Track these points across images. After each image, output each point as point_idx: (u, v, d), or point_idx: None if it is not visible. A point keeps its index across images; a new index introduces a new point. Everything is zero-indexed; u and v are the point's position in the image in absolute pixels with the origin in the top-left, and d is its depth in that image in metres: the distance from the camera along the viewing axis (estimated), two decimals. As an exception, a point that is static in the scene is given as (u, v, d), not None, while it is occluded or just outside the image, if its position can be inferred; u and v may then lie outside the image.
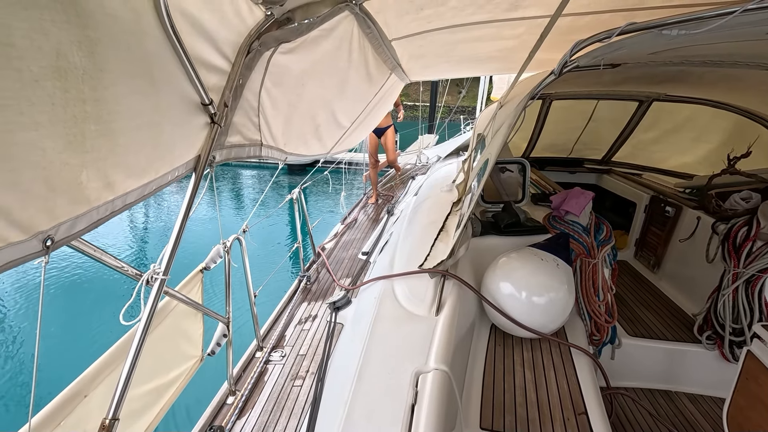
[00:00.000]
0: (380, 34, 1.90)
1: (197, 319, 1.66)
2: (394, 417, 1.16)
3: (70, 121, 0.68)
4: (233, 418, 1.82)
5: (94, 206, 0.80)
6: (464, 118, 11.35)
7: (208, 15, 1.09)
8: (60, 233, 0.73)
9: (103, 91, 0.74)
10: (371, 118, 3.07)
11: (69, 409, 0.99)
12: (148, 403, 1.28)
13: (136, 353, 1.03)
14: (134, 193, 0.93)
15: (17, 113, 0.58)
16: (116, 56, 0.77)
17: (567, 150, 4.35)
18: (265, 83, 1.55)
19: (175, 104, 1.04)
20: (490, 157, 1.77)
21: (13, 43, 0.55)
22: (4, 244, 0.63)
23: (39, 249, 0.69)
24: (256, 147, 1.65)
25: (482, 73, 5.83)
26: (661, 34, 1.18)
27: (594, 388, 1.60)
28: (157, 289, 1.10)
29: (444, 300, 1.66)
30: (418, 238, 2.20)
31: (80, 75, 0.68)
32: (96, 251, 0.98)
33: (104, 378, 1.10)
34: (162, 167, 1.02)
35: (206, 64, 1.18)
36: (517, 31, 2.00)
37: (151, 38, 0.89)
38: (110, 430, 0.96)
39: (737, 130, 3.02)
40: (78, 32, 0.66)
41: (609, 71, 2.40)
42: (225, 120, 1.34)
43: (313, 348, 2.34)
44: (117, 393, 0.98)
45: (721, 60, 1.99)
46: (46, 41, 0.60)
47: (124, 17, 0.78)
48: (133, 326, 1.11)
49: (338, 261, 3.66)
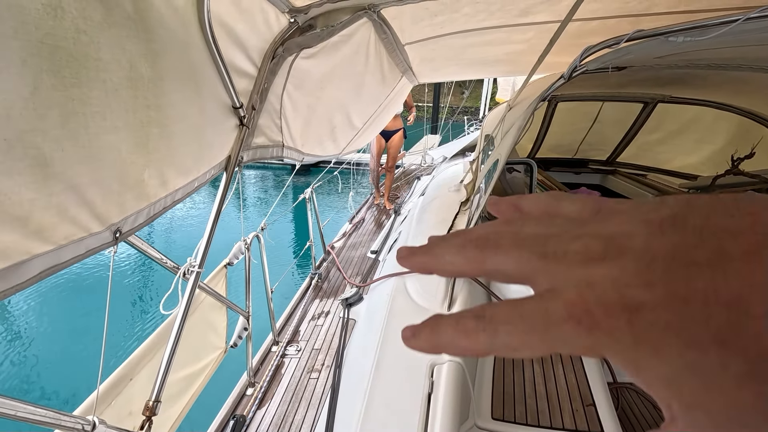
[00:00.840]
0: (395, 39, 1.97)
1: (222, 312, 1.73)
2: (412, 405, 1.23)
3: (138, 125, 0.76)
4: (254, 408, 1.89)
5: (151, 202, 0.88)
6: (468, 118, 11.40)
7: (242, 25, 1.16)
8: (126, 226, 0.81)
9: (162, 98, 0.82)
10: (381, 119, 3.15)
11: (118, 391, 1.06)
12: (182, 389, 1.36)
13: (176, 340, 1.10)
14: (181, 191, 1.01)
15: (102, 119, 0.66)
16: (170, 65, 0.84)
17: (572, 151, 4.39)
18: (287, 87, 1.62)
19: (213, 108, 1.11)
20: (500, 158, 1.83)
21: (100, 57, 0.63)
22: (87, 234, 0.71)
23: (110, 240, 0.77)
24: (278, 148, 1.72)
25: (490, 75, 5.85)
26: (668, 40, 1.23)
27: (601, 382, 1.65)
28: (193, 280, 1.17)
29: (455, 296, 1.72)
30: (427, 237, 2.26)
31: (146, 84, 0.76)
32: (143, 244, 1.05)
33: (146, 363, 1.18)
34: (203, 166, 1.10)
35: (237, 69, 1.25)
36: (527, 35, 2.06)
37: (195, 48, 0.96)
38: (153, 410, 1.03)
39: (741, 132, 3.06)
40: (144, 46, 0.74)
41: (615, 74, 2.46)
42: (252, 122, 1.41)
43: (327, 342, 2.41)
44: (159, 376, 1.06)
45: (726, 63, 2.04)
46: (122, 54, 0.68)
47: (176, 30, 0.85)
48: (170, 315, 1.19)
49: (347, 259, 3.73)
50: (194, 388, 1.44)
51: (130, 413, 1.09)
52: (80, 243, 0.70)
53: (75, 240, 0.69)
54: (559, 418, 1.49)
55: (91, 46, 0.61)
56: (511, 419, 1.51)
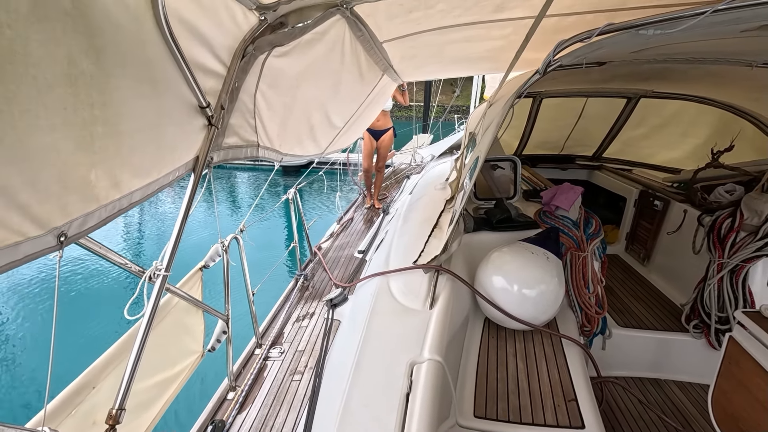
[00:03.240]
0: (371, 37, 1.95)
1: (198, 316, 1.70)
2: (390, 405, 1.21)
3: (80, 124, 0.73)
4: (234, 413, 1.86)
5: (102, 204, 0.85)
6: (458, 117, 11.44)
7: (204, 21, 1.13)
8: (72, 229, 0.78)
9: (109, 95, 0.78)
10: (363, 118, 3.13)
11: (79, 399, 1.03)
12: (154, 396, 1.33)
13: (141, 347, 1.07)
14: (139, 192, 0.97)
15: (35, 117, 0.63)
16: (120, 62, 0.81)
17: (558, 147, 4.41)
18: (260, 86, 1.59)
19: (175, 107, 1.08)
20: (481, 155, 1.82)
21: (30, 52, 0.60)
22: (24, 239, 0.68)
23: (54, 244, 0.73)
24: (252, 148, 1.70)
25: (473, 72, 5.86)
26: (638, 33, 1.23)
27: (584, 377, 1.65)
28: (159, 285, 1.14)
29: (438, 294, 1.71)
30: (413, 235, 2.25)
31: (88, 80, 0.73)
32: (101, 248, 1.02)
33: (111, 371, 1.14)
34: (164, 167, 1.07)
35: (203, 68, 1.22)
36: (505, 31, 2.06)
37: (152, 44, 0.93)
38: (117, 419, 1.00)
39: (722, 125, 3.09)
40: (85, 41, 0.71)
41: (596, 69, 2.47)
42: (222, 122, 1.39)
43: (311, 344, 2.39)
44: (123, 384, 1.03)
45: (704, 57, 2.05)
46: (57, 50, 0.65)
47: (126, 25, 0.82)
48: (137, 321, 1.16)
49: (334, 260, 3.70)
50: (168, 393, 1.41)
51: (93, 423, 1.05)
52: (16, 248, 0.67)
53: (8, 245, 0.66)
54: (541, 414, 1.49)
55: (17, 41, 0.58)
56: (493, 416, 1.50)
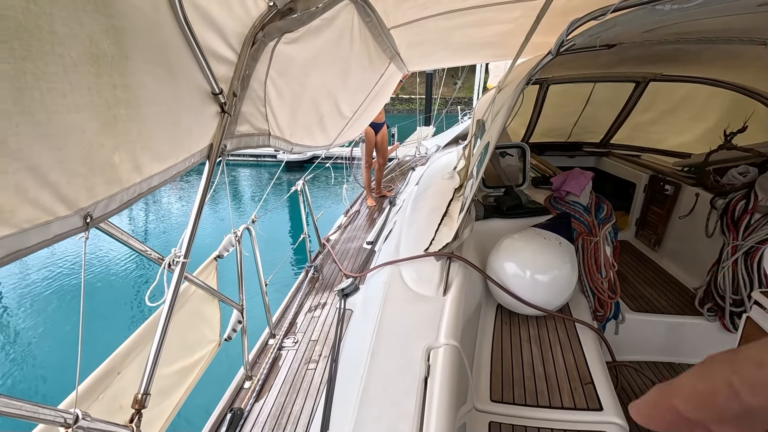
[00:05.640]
0: (379, 23, 1.93)
1: (214, 305, 1.71)
2: (409, 389, 1.21)
3: (104, 105, 0.73)
4: (251, 401, 1.88)
5: (124, 187, 0.85)
6: (461, 108, 11.38)
7: (216, 7, 1.13)
8: (97, 211, 0.78)
9: (130, 78, 0.78)
10: (371, 108, 3.11)
11: (105, 384, 1.04)
12: (176, 382, 1.34)
13: (163, 332, 1.08)
14: (157, 177, 0.98)
15: (61, 96, 0.63)
16: (138, 44, 0.81)
17: (565, 134, 4.37)
18: (270, 73, 1.59)
19: (190, 93, 1.08)
20: (491, 141, 1.80)
21: (55, 30, 0.60)
22: (53, 218, 0.68)
23: (80, 225, 0.74)
24: (264, 137, 1.69)
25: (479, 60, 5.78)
26: (654, 9, 1.21)
27: (599, 361, 1.65)
28: (179, 271, 1.15)
29: (450, 281, 1.70)
30: (422, 224, 2.24)
31: (110, 61, 0.72)
32: (123, 234, 1.03)
33: (135, 356, 1.16)
34: (181, 153, 1.07)
35: (216, 54, 1.22)
36: (513, 14, 2.03)
37: (167, 28, 0.93)
38: (142, 403, 1.02)
39: (734, 108, 3.04)
40: (105, 21, 0.70)
41: (605, 53, 2.43)
42: (234, 109, 1.38)
43: (324, 333, 2.40)
44: (147, 369, 1.04)
45: (716, 36, 2.01)
46: (80, 29, 0.65)
47: (143, 8, 0.82)
48: (158, 308, 1.17)
49: (343, 251, 3.71)
50: (188, 381, 1.42)
51: (120, 407, 1.07)
52: (46, 227, 0.67)
53: (40, 224, 0.66)
54: (558, 397, 1.49)
55: (43, 18, 0.58)
56: (510, 401, 1.50)
